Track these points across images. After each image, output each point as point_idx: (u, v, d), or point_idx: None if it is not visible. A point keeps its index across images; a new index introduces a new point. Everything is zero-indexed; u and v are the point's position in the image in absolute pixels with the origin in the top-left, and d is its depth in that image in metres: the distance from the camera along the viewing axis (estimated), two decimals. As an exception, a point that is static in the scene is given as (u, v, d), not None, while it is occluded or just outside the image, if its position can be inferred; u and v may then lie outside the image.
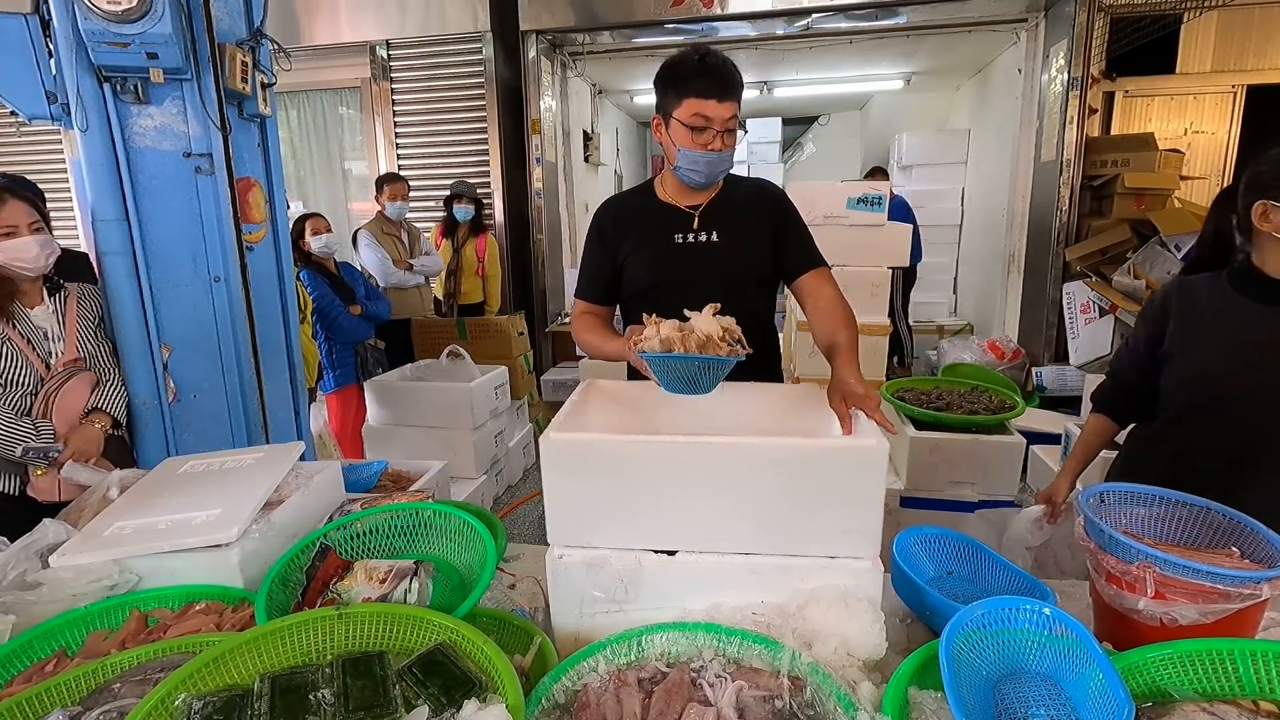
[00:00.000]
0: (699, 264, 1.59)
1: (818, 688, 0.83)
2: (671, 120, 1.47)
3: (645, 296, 1.59)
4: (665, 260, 1.59)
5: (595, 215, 1.67)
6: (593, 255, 1.65)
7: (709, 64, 1.41)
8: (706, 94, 1.41)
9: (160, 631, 1.00)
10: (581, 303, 1.66)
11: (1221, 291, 1.40)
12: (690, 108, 1.42)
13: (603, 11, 4.90)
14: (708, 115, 1.42)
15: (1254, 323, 1.35)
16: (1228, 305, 1.38)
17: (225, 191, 2.09)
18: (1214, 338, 1.39)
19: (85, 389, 1.89)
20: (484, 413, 3.69)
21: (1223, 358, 1.37)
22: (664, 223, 1.61)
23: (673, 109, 1.45)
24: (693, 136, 1.44)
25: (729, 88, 1.42)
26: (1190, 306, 1.43)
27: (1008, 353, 4.85)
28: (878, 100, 7.97)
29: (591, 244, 1.65)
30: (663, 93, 1.48)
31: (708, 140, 1.44)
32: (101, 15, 1.81)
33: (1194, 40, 4.51)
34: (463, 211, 4.58)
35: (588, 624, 1.02)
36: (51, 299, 1.88)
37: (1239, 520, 1.01)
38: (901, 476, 2.57)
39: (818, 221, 3.18)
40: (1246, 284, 1.38)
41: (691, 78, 1.42)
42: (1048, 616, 0.84)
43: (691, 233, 1.60)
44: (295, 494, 1.28)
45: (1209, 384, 1.39)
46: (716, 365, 1.15)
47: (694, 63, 1.42)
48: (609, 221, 1.64)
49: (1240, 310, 1.37)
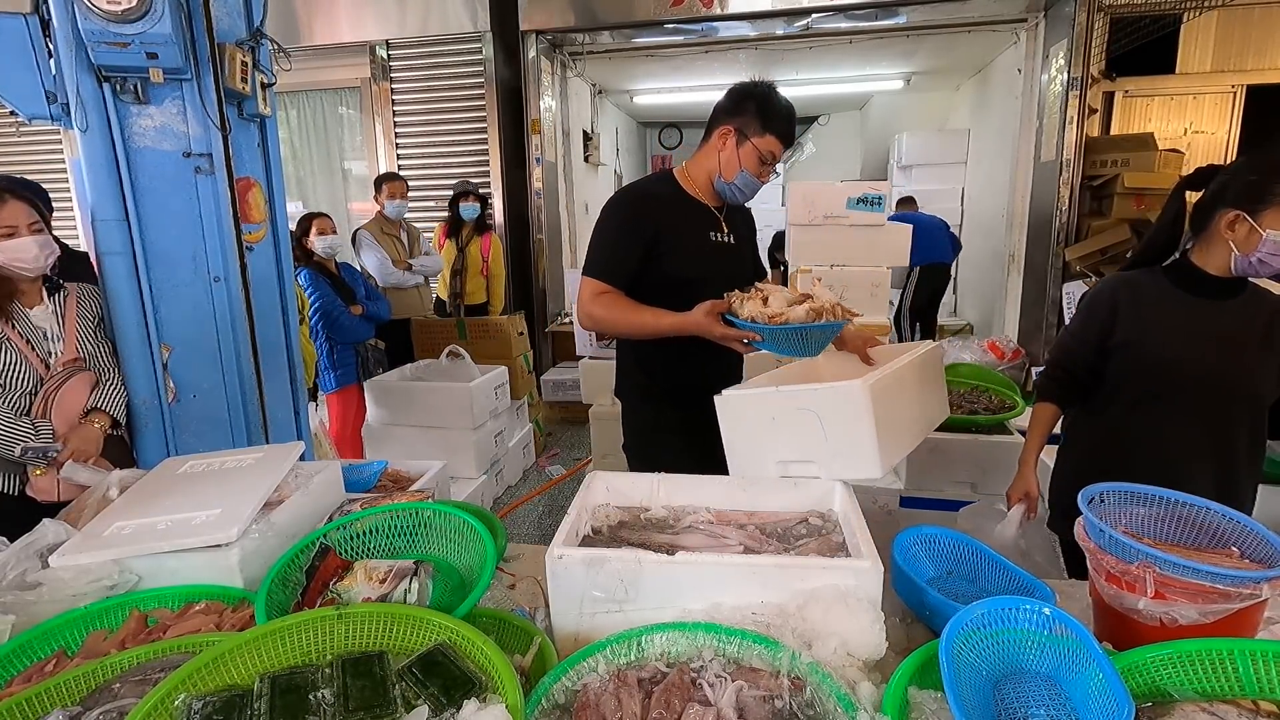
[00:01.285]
0: (727, 264, 1.73)
1: (818, 688, 0.83)
2: (748, 144, 1.61)
3: (678, 290, 1.61)
4: (704, 256, 1.69)
5: (627, 201, 1.70)
6: (624, 240, 1.65)
7: (792, 119, 1.63)
8: (786, 139, 1.62)
9: (160, 631, 1.00)
10: (598, 283, 1.65)
11: (1163, 287, 1.51)
12: (771, 144, 1.61)
13: (603, 11, 4.90)
14: (776, 155, 1.63)
15: (1200, 315, 1.46)
16: (1173, 299, 1.49)
17: (225, 191, 2.09)
18: (1169, 328, 1.48)
19: (85, 389, 1.89)
20: (484, 413, 3.69)
21: (1182, 345, 1.47)
22: (700, 220, 1.71)
23: (755, 136, 1.61)
24: (759, 166, 1.62)
25: (793, 139, 1.66)
26: (1137, 299, 1.52)
27: (1008, 353, 4.85)
28: (878, 100, 7.97)
29: (623, 230, 1.66)
30: (753, 116, 1.61)
31: (764, 171, 1.64)
32: (101, 15, 1.81)
33: (1194, 40, 4.51)
34: (469, 209, 4.53)
35: (588, 624, 1.02)
36: (51, 299, 1.88)
37: (1239, 520, 1.01)
38: (901, 476, 2.57)
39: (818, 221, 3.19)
40: (1188, 281, 1.48)
41: (783, 120, 1.61)
42: (1048, 616, 0.84)
43: (721, 232, 1.73)
44: (295, 494, 1.28)
45: (1171, 369, 1.48)
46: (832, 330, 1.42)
47: (785, 108, 1.62)
48: (641, 209, 1.67)
49: (1186, 304, 1.48)
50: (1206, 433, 1.49)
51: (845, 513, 1.22)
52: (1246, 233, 1.37)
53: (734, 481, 1.33)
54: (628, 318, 1.61)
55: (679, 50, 5.56)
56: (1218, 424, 1.48)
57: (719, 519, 1.26)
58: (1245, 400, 1.47)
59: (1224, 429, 1.48)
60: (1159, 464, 1.48)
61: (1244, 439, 1.49)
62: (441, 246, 4.59)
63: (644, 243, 1.64)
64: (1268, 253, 1.35)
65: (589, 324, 1.67)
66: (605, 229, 1.68)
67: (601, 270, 1.66)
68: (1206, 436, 1.49)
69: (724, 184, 1.66)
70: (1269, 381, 1.46)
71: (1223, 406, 1.47)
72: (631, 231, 1.65)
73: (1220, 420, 1.48)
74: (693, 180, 1.72)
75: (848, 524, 1.18)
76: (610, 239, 1.67)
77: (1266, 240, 1.33)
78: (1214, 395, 1.47)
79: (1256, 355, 1.45)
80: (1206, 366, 1.45)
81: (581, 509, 1.21)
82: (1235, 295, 1.47)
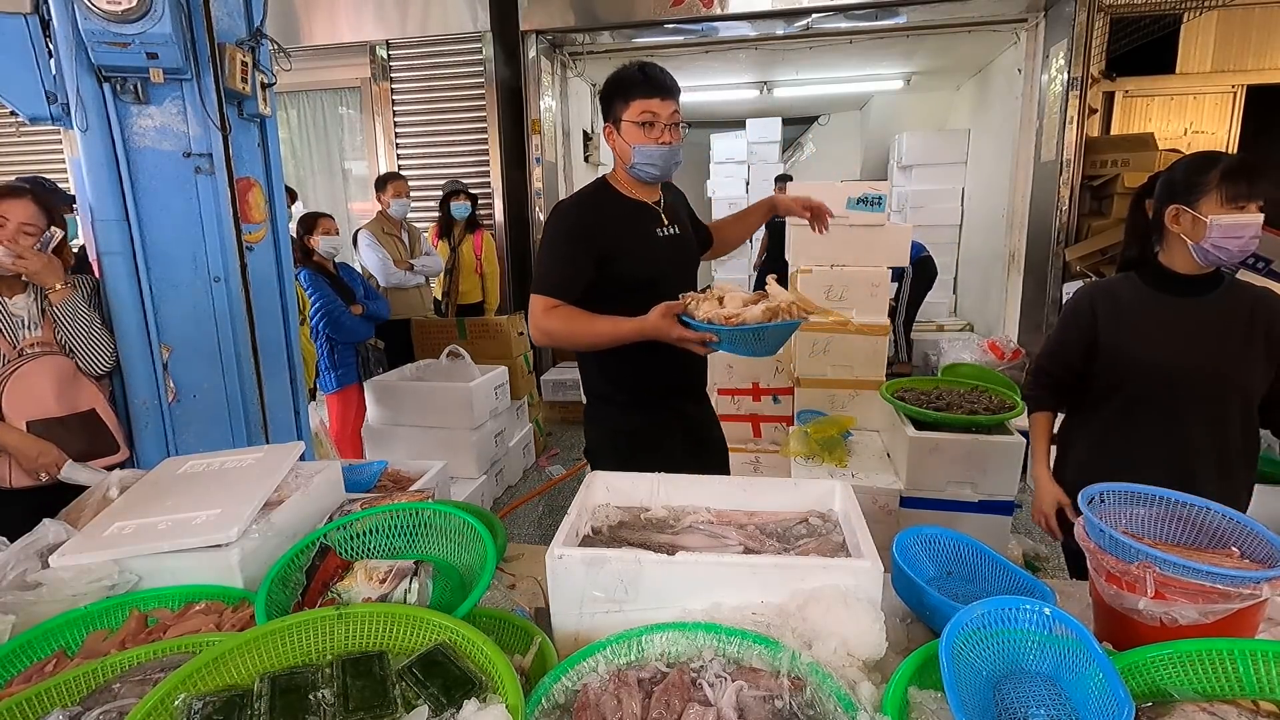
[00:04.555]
0: (677, 255, 1.75)
1: (818, 688, 0.83)
2: (623, 123, 1.63)
3: (636, 291, 1.60)
4: (655, 254, 1.69)
5: (569, 215, 1.68)
6: (571, 254, 1.63)
7: (648, 71, 1.60)
8: (650, 94, 1.60)
9: (160, 632, 1.00)
10: (549, 299, 1.61)
11: (1139, 289, 1.56)
12: (638, 108, 1.60)
13: (603, 11, 4.90)
14: (654, 112, 1.60)
15: (1176, 314, 1.51)
16: (1149, 301, 1.54)
17: (225, 191, 2.09)
18: (1147, 328, 1.52)
19: (48, 375, 1.84)
20: (484, 413, 3.69)
21: (1162, 343, 1.50)
22: (642, 219, 1.71)
23: (622, 113, 1.62)
24: (644, 132, 1.61)
25: (669, 89, 1.62)
26: (1114, 305, 1.57)
27: (1008, 353, 4.85)
28: (878, 100, 7.97)
29: (571, 243, 1.64)
30: (611, 102, 1.64)
31: (658, 135, 1.61)
32: (101, 15, 1.81)
33: (1194, 40, 4.51)
34: (460, 208, 4.56)
35: (588, 624, 1.02)
36: (34, 289, 1.88)
37: (1239, 520, 1.01)
38: (901, 476, 2.56)
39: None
40: (1162, 281, 1.54)
41: (635, 84, 1.61)
42: (1048, 616, 0.84)
43: (664, 226, 1.73)
44: (295, 494, 1.28)
45: (1154, 368, 1.51)
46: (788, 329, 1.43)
47: (635, 71, 1.61)
48: (591, 217, 1.67)
49: (1161, 304, 1.53)
50: (1196, 430, 1.50)
51: (845, 512, 1.22)
52: (1191, 222, 1.43)
53: (734, 481, 1.33)
54: (586, 329, 1.59)
55: (679, 50, 5.56)
56: (1206, 420, 1.50)
57: (719, 519, 1.26)
58: (1233, 394, 1.48)
59: (1213, 425, 1.50)
60: (1151, 463, 1.49)
61: (1235, 435, 1.50)
62: (435, 247, 4.60)
63: (594, 250, 1.62)
64: (1219, 236, 1.39)
65: (544, 340, 1.63)
66: (553, 243, 1.65)
67: (553, 285, 1.62)
68: (1196, 433, 1.50)
69: (634, 170, 1.65)
70: (1254, 374, 1.48)
71: (1210, 402, 1.49)
72: (580, 240, 1.63)
73: (1209, 416, 1.49)
74: (621, 182, 1.72)
75: (848, 524, 1.18)
76: (560, 252, 1.64)
77: (1211, 225, 1.39)
78: (1200, 391, 1.49)
79: (1238, 348, 1.47)
80: (1188, 363, 1.48)
81: (581, 509, 1.21)
82: (1211, 290, 1.50)
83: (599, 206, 1.69)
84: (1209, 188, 1.40)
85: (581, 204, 1.71)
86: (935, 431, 2.48)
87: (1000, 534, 2.50)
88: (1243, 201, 1.38)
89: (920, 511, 2.50)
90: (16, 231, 1.78)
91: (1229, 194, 1.38)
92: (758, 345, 1.44)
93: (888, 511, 2.55)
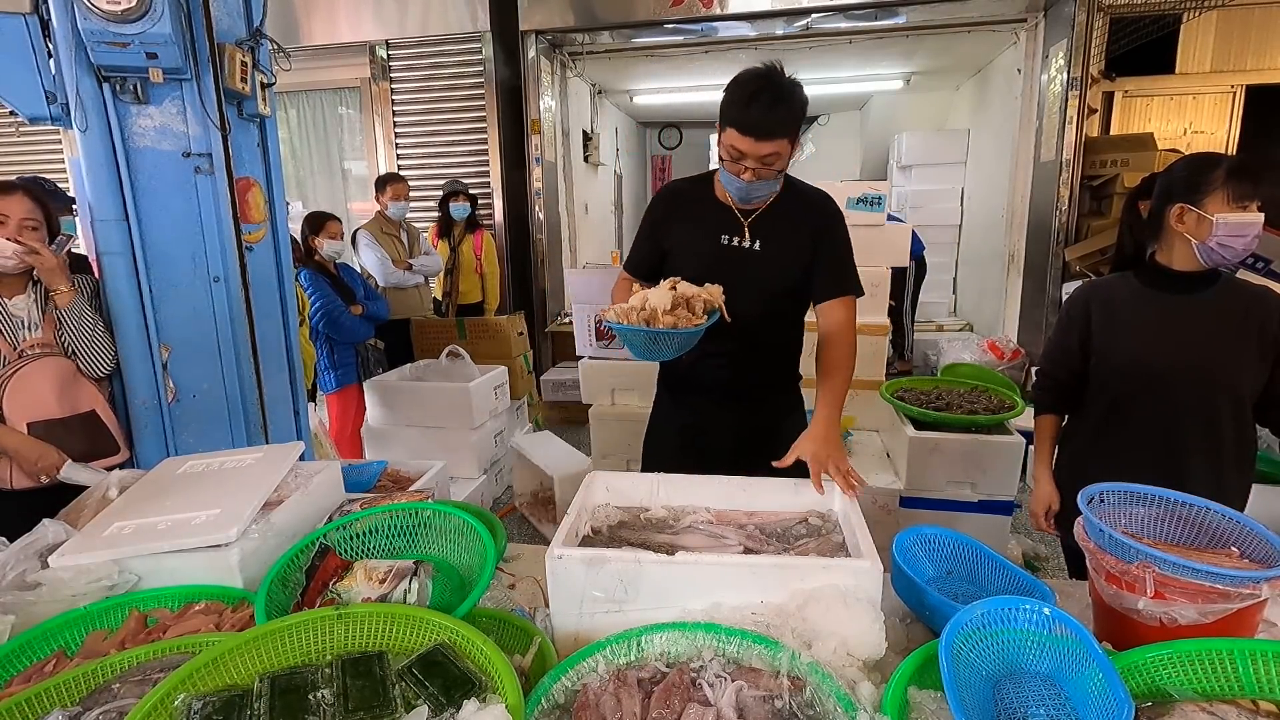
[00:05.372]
0: (737, 269, 1.58)
1: (818, 688, 0.83)
2: (720, 137, 1.47)
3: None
4: (707, 259, 1.60)
5: (658, 197, 1.73)
6: (644, 235, 1.71)
7: (760, 100, 1.37)
8: (744, 131, 1.40)
9: (160, 632, 1.00)
10: (625, 274, 1.73)
11: (1135, 288, 1.56)
12: (728, 138, 1.43)
13: (602, 11, 4.90)
14: (741, 150, 1.42)
15: (1171, 311, 1.50)
16: (1144, 299, 1.54)
17: (225, 191, 2.09)
18: (1142, 326, 1.52)
19: (49, 376, 1.84)
20: (483, 413, 3.69)
21: (1156, 342, 1.50)
22: (715, 221, 1.62)
23: (720, 129, 1.45)
24: (730, 160, 1.46)
25: (769, 131, 1.39)
26: (1108, 304, 1.57)
27: (1007, 353, 4.85)
28: (877, 100, 7.97)
29: (645, 224, 1.71)
30: (720, 107, 1.45)
31: (739, 170, 1.45)
32: (101, 15, 1.81)
33: (1193, 40, 4.51)
34: (459, 209, 4.57)
35: (587, 624, 1.02)
36: (34, 289, 1.88)
37: (1238, 520, 1.01)
38: (901, 476, 2.57)
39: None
40: (1156, 279, 1.53)
41: (738, 110, 1.39)
42: (1048, 616, 0.84)
43: (739, 237, 1.60)
44: (295, 494, 1.28)
45: (1148, 367, 1.51)
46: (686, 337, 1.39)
47: (747, 95, 1.38)
48: (663, 208, 1.70)
49: (1157, 302, 1.52)
50: (1186, 429, 1.50)
51: (845, 513, 1.22)
52: (1196, 221, 1.43)
53: (734, 481, 1.33)
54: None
55: (679, 50, 5.56)
56: (1197, 420, 1.49)
57: (719, 519, 1.26)
58: (1221, 393, 1.48)
59: (1204, 425, 1.49)
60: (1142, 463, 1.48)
61: (1228, 435, 1.50)
62: (434, 247, 4.61)
63: (658, 237, 1.68)
64: (1224, 235, 1.39)
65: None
66: (642, 221, 1.74)
67: (630, 261, 1.74)
68: (1186, 433, 1.50)
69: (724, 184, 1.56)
70: (1245, 372, 1.47)
71: (1199, 401, 1.49)
72: (649, 227, 1.70)
73: (1199, 416, 1.49)
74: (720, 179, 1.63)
75: (847, 524, 1.18)
76: (642, 232, 1.73)
77: (1217, 224, 1.39)
78: (1188, 390, 1.49)
79: (1230, 346, 1.46)
80: (1178, 362, 1.48)
81: (581, 509, 1.21)
82: (1207, 288, 1.49)
83: (684, 195, 1.69)
84: (1214, 187, 1.40)
85: (672, 189, 1.73)
86: (935, 431, 2.48)
87: (1000, 534, 2.50)
88: (1247, 201, 1.38)
89: (920, 511, 2.50)
90: (20, 227, 1.78)
91: (1235, 193, 1.38)
92: (650, 350, 1.42)
93: (887, 511, 2.55)
